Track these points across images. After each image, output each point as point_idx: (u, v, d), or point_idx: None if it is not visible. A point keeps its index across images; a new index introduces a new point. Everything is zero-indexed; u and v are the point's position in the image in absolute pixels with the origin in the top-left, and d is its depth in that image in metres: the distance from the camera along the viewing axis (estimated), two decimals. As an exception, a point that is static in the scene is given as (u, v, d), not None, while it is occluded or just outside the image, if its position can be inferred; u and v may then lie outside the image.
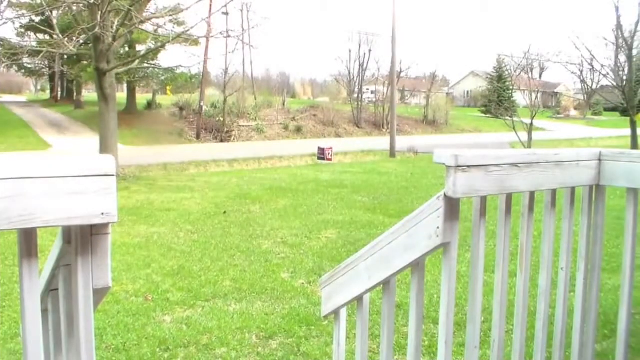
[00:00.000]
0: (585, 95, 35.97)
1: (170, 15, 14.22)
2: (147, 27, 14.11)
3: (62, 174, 0.98)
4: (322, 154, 16.10)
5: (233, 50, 30.02)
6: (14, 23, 21.60)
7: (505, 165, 1.65)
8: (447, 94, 43.88)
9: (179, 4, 14.70)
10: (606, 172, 1.92)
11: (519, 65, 20.51)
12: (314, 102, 35.57)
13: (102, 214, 1.01)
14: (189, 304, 4.02)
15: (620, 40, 19.40)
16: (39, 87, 53.81)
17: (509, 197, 1.74)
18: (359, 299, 1.87)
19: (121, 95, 23.34)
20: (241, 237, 6.24)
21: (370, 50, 31.17)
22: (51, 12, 13.92)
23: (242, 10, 26.56)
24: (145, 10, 13.72)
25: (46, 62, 27.41)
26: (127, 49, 20.02)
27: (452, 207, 1.59)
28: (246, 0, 24.64)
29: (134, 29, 12.44)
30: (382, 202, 8.46)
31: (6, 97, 37.30)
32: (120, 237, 5.99)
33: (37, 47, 15.74)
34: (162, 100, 27.86)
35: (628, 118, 19.71)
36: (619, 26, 19.40)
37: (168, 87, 28.55)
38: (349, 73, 31.41)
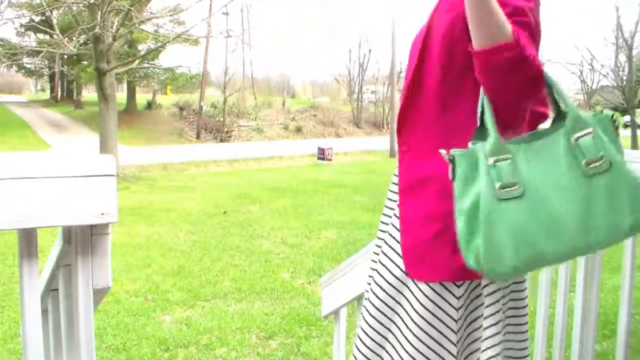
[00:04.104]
0: (585, 95, 35.97)
1: (170, 15, 14.22)
2: (147, 27, 14.11)
3: (62, 174, 0.98)
4: (322, 154, 16.09)
5: (233, 50, 30.01)
6: (14, 23, 21.60)
7: (505, 165, 1.65)
8: (447, 94, 43.88)
9: (179, 4, 14.71)
10: (606, 172, 1.92)
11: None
12: (314, 102, 35.57)
13: (102, 214, 1.01)
14: (189, 304, 4.02)
15: (620, 41, 19.41)
16: (39, 87, 53.79)
17: (509, 197, 1.74)
18: (359, 298, 1.87)
19: (121, 95, 23.34)
20: (241, 237, 6.24)
21: (370, 50, 31.20)
22: (51, 12, 13.92)
23: (242, 11, 26.58)
24: (145, 10, 13.72)
25: (46, 62, 27.41)
26: (127, 48, 20.02)
27: (452, 207, 1.58)
28: (246, 0, 24.67)
29: (134, 29, 12.44)
30: (382, 202, 8.40)
31: (6, 97, 37.28)
32: (120, 237, 5.99)
33: (37, 47, 15.73)
34: (162, 100, 27.84)
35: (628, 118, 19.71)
36: (619, 26, 19.42)
37: (168, 87, 28.55)
38: (349, 73, 31.42)
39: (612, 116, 0.94)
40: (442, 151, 0.99)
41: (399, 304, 1.15)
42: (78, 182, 0.99)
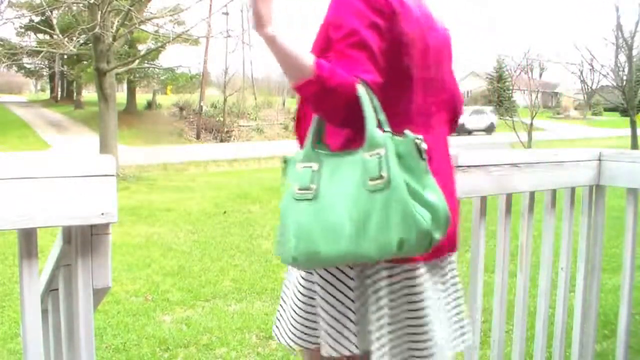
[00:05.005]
0: (585, 95, 35.98)
1: (170, 15, 14.22)
2: (147, 27, 14.11)
3: (62, 174, 0.98)
4: (322, 154, 16.03)
5: (233, 50, 30.01)
6: (13, 23, 21.60)
7: (505, 165, 1.66)
8: (447, 94, 43.67)
9: (179, 4, 14.71)
10: (606, 172, 1.92)
11: (518, 65, 20.52)
12: (314, 102, 35.44)
13: (102, 214, 1.01)
14: (189, 304, 4.02)
15: (620, 41, 19.42)
16: (39, 87, 53.76)
17: (509, 197, 1.75)
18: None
19: (121, 95, 23.32)
20: (241, 237, 6.24)
21: (370, 50, 31.14)
22: (51, 12, 13.92)
23: (242, 11, 26.56)
24: (145, 10, 13.72)
25: (46, 62, 27.40)
26: (127, 48, 20.02)
27: (452, 207, 1.59)
28: (246, 0, 24.63)
29: (134, 29, 12.44)
30: (382, 202, 8.45)
31: (6, 97, 37.22)
32: (120, 237, 5.99)
33: (37, 47, 15.73)
34: (162, 100, 27.83)
35: (628, 118, 19.71)
36: (619, 26, 19.43)
37: (168, 87, 28.55)
38: (349, 73, 31.34)
39: (415, 139, 0.99)
40: (284, 156, 1.12)
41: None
42: (78, 182, 0.99)
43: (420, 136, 1.00)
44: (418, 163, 0.99)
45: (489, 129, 27.47)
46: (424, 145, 1.00)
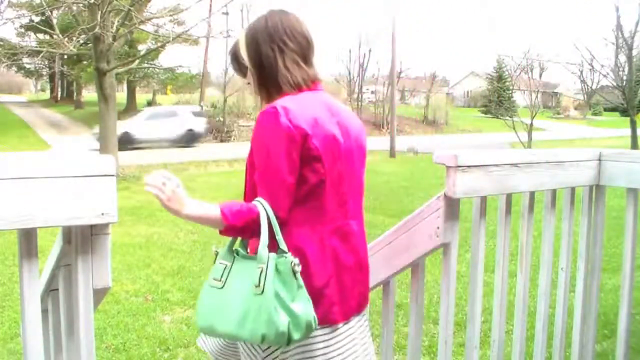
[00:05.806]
0: (585, 95, 35.97)
1: (170, 15, 14.22)
2: (148, 27, 14.10)
3: (62, 174, 0.98)
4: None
5: (233, 50, 29.93)
6: (13, 23, 21.59)
7: (505, 165, 1.65)
8: (447, 94, 43.76)
9: (179, 4, 14.70)
10: (606, 172, 1.92)
11: (519, 65, 20.50)
12: (314, 102, 35.42)
13: (102, 214, 1.01)
14: (189, 304, 4.02)
15: (620, 41, 19.39)
16: (39, 87, 53.75)
17: (509, 197, 1.74)
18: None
19: (121, 95, 23.34)
20: (241, 237, 6.24)
21: (370, 50, 31.17)
22: (51, 12, 13.92)
23: (242, 11, 26.56)
24: (145, 10, 13.72)
25: (46, 62, 27.40)
26: (127, 48, 20.01)
27: (452, 207, 1.59)
28: (246, 0, 24.66)
29: (134, 29, 12.44)
30: (382, 202, 8.45)
31: (6, 97, 37.22)
32: (120, 237, 5.99)
33: (37, 47, 15.73)
34: (162, 100, 27.84)
35: (628, 118, 19.70)
36: (619, 26, 19.40)
37: (168, 87, 28.54)
38: (349, 73, 31.38)
39: (292, 262, 1.30)
40: (216, 250, 1.43)
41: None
42: (78, 182, 0.99)
43: (296, 260, 1.30)
44: (292, 280, 1.30)
45: (190, 139, 19.47)
46: (297, 268, 1.30)
